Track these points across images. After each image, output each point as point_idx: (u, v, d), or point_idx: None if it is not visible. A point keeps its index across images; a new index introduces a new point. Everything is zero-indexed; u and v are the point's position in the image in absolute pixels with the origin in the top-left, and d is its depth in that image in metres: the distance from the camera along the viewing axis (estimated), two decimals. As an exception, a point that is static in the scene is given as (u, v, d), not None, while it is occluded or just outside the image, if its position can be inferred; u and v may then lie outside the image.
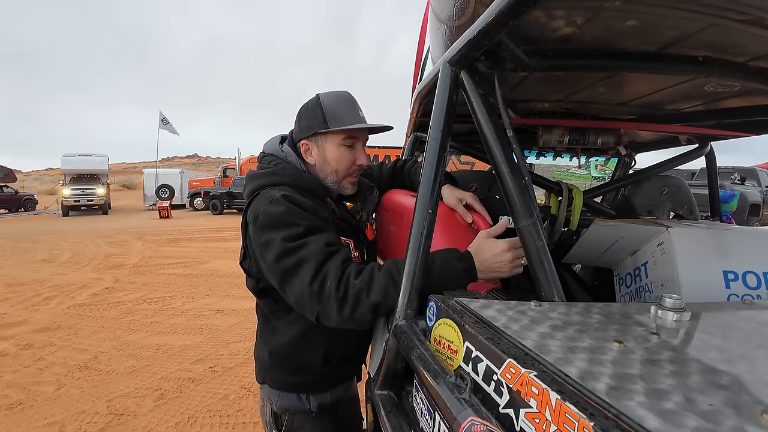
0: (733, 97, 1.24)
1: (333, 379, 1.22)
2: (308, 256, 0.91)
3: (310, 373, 1.17)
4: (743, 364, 0.53)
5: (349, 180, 1.16)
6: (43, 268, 6.69)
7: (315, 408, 1.19)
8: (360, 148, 1.14)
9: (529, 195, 0.86)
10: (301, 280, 0.90)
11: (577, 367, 0.50)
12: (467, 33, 0.83)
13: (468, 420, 0.55)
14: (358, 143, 1.14)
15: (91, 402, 2.70)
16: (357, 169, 1.15)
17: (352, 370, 1.31)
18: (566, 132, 1.61)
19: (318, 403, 1.19)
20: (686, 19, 0.78)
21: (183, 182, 20.33)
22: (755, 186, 9.96)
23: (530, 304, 0.74)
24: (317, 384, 1.20)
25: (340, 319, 0.90)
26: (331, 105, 1.09)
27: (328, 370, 1.16)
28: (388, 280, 0.89)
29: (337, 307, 0.89)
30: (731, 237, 1.12)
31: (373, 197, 1.27)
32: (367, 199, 1.26)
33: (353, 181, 1.17)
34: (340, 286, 0.89)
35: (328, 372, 1.17)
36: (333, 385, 1.23)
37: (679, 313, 0.67)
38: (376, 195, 1.29)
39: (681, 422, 0.39)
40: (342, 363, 1.20)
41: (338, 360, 1.17)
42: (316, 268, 0.90)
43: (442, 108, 0.94)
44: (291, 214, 0.96)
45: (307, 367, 1.16)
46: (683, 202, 1.76)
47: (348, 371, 1.29)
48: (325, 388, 1.21)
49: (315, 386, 1.19)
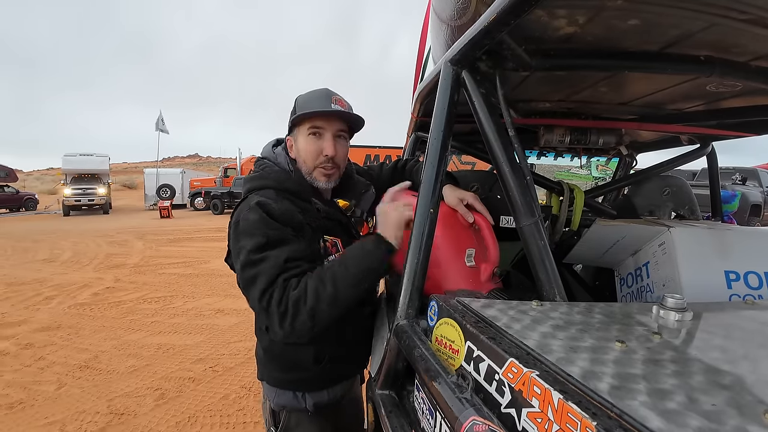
0: (735, 97, 1.24)
1: (329, 378, 1.21)
2: (264, 271, 0.94)
3: (303, 370, 1.17)
4: (745, 364, 0.53)
5: (319, 171, 1.13)
6: (43, 268, 6.69)
7: (311, 407, 1.19)
8: (328, 138, 1.11)
9: (531, 195, 0.86)
10: (254, 295, 0.94)
11: (579, 366, 0.50)
12: (469, 32, 0.83)
13: (470, 420, 0.55)
14: (326, 132, 1.11)
15: (92, 401, 2.70)
16: (324, 159, 1.11)
17: (350, 370, 1.30)
18: (567, 132, 1.61)
19: (314, 402, 1.20)
20: (688, 18, 0.78)
21: (184, 182, 20.34)
22: (756, 186, 9.94)
23: (532, 304, 0.74)
24: (312, 382, 1.19)
25: (284, 332, 0.92)
26: (304, 98, 1.13)
27: (321, 368, 1.16)
28: (317, 282, 0.92)
29: (279, 321, 0.91)
30: (733, 237, 1.12)
31: (369, 195, 1.27)
32: (362, 197, 1.25)
33: (326, 173, 1.13)
34: (281, 301, 0.91)
35: (321, 371, 1.17)
36: (329, 384, 1.22)
37: (681, 313, 0.67)
38: (372, 193, 1.28)
39: (684, 422, 0.38)
40: (336, 362, 1.19)
41: (331, 359, 1.17)
42: (266, 283, 0.93)
43: (443, 107, 0.93)
44: (261, 223, 0.98)
45: (299, 365, 1.17)
46: (684, 202, 1.76)
47: (346, 371, 1.28)
48: (321, 386, 1.21)
49: (310, 384, 1.20)
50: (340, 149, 1.14)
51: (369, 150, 9.20)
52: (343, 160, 1.17)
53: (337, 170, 1.16)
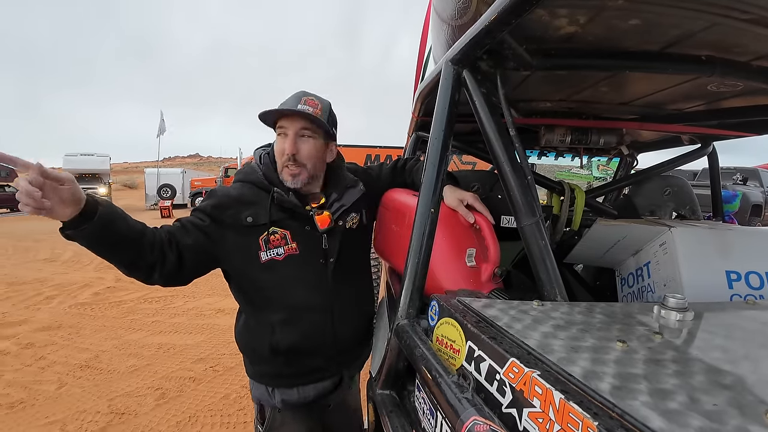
0: (736, 97, 1.24)
1: (296, 374, 1.21)
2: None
3: (265, 363, 1.20)
4: (747, 364, 0.53)
5: (285, 171, 1.15)
6: (44, 268, 6.70)
7: (279, 403, 1.22)
8: (290, 136, 1.12)
9: (532, 194, 0.85)
10: None
11: (580, 366, 0.49)
12: (470, 31, 0.83)
13: (471, 420, 0.55)
14: (289, 131, 1.13)
15: (93, 401, 2.70)
16: (286, 158, 1.12)
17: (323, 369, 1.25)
18: (568, 132, 1.61)
19: (282, 399, 1.22)
20: (689, 18, 0.78)
21: (185, 182, 20.33)
22: (757, 186, 9.92)
23: (533, 304, 0.74)
24: (279, 378, 1.22)
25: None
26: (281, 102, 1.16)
27: (282, 361, 1.18)
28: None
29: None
30: (734, 237, 1.12)
31: (355, 191, 1.24)
32: (346, 191, 1.23)
33: (291, 173, 1.14)
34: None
35: (283, 364, 1.19)
36: (298, 382, 1.22)
37: (683, 313, 0.67)
38: (359, 189, 1.25)
39: (685, 422, 0.38)
40: (297, 355, 1.18)
41: (289, 350, 1.17)
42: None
43: (444, 107, 0.93)
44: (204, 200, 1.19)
45: (259, 355, 1.21)
46: (685, 202, 1.76)
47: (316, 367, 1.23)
48: (290, 384, 1.22)
49: (277, 379, 1.22)
50: (303, 147, 1.14)
51: (369, 150, 9.19)
52: (308, 159, 1.15)
53: (304, 169, 1.15)
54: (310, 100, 1.13)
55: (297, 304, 1.17)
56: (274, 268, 1.14)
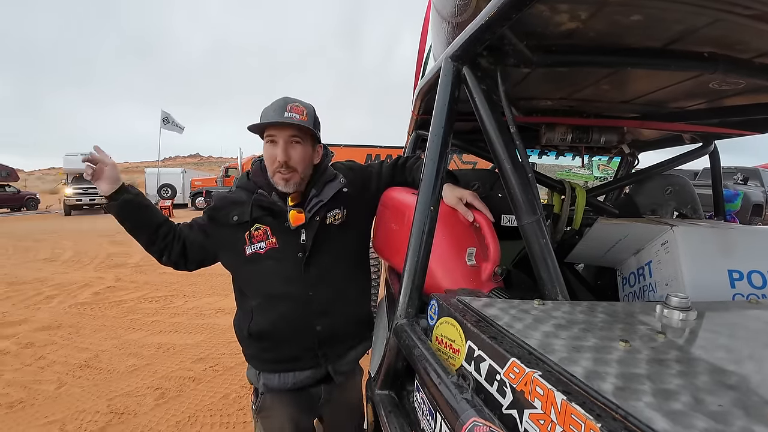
0: (738, 95, 1.23)
1: (275, 360, 1.30)
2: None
3: (246, 345, 1.33)
4: (751, 363, 0.52)
5: (278, 176, 1.22)
6: (44, 267, 6.70)
7: (262, 387, 1.31)
8: (281, 145, 1.18)
9: (533, 192, 0.85)
10: None
11: (582, 366, 0.49)
12: (470, 27, 0.82)
13: (470, 421, 0.54)
14: (279, 139, 1.19)
15: (92, 401, 2.70)
16: (278, 165, 1.19)
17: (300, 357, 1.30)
18: (569, 130, 1.60)
19: (264, 382, 1.31)
20: (692, 14, 0.77)
21: (185, 181, 20.34)
22: (758, 186, 9.91)
23: (533, 303, 0.73)
24: (261, 361, 1.32)
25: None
26: (265, 110, 1.22)
27: (258, 345, 1.29)
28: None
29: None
30: (736, 236, 1.11)
31: (334, 185, 1.29)
32: (324, 186, 1.28)
33: (283, 177, 1.21)
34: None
35: (259, 348, 1.30)
36: (278, 368, 1.30)
37: (686, 312, 0.66)
38: (338, 183, 1.30)
39: (690, 423, 0.38)
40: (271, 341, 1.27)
41: (261, 336, 1.27)
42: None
43: (444, 104, 0.92)
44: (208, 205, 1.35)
45: (242, 338, 1.33)
46: (687, 201, 1.75)
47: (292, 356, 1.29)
48: (271, 369, 1.30)
49: (260, 363, 1.32)
50: (294, 154, 1.20)
51: (370, 150, 9.19)
52: (299, 163, 1.22)
53: (296, 173, 1.22)
54: (296, 107, 1.19)
55: (273, 293, 1.26)
56: (257, 261, 1.26)
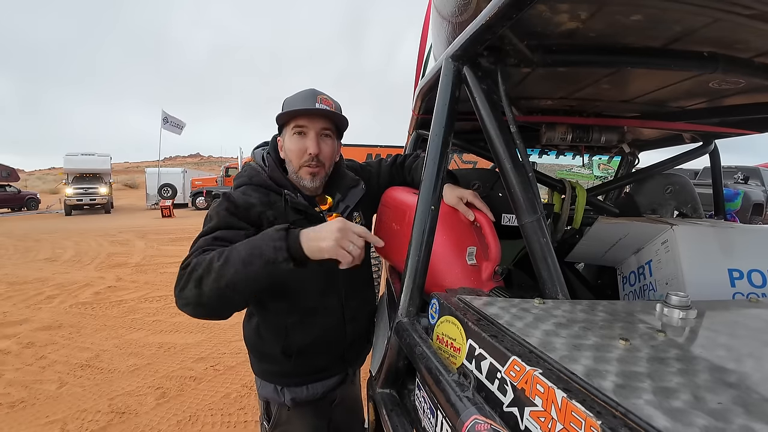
0: (738, 94, 1.23)
1: (306, 373, 1.21)
2: (196, 246, 1.00)
3: (275, 363, 1.19)
4: (751, 362, 0.52)
5: (305, 170, 1.14)
6: (45, 267, 6.70)
7: (289, 402, 1.21)
8: (312, 136, 1.12)
9: (533, 191, 0.85)
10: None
11: (582, 365, 0.49)
12: (470, 27, 0.83)
13: (471, 419, 0.54)
14: (310, 131, 1.12)
15: (93, 400, 2.70)
16: (309, 158, 1.12)
17: (331, 367, 1.26)
18: (569, 129, 1.60)
19: (291, 397, 1.21)
20: (692, 13, 0.77)
21: (185, 181, 20.35)
22: (758, 185, 9.91)
23: (534, 302, 0.73)
24: (289, 376, 1.21)
25: (177, 298, 0.94)
26: (289, 99, 1.14)
27: (293, 362, 1.18)
28: (214, 255, 0.93)
29: (176, 283, 0.94)
30: (736, 235, 1.11)
31: (357, 191, 1.25)
32: (349, 192, 1.24)
33: (311, 172, 1.14)
34: (186, 266, 0.94)
35: (294, 365, 1.18)
36: (308, 380, 1.22)
37: (686, 311, 0.66)
38: (361, 189, 1.26)
39: (690, 421, 0.38)
40: (308, 357, 1.19)
41: (300, 352, 1.17)
42: (190, 254, 0.98)
43: (444, 104, 0.93)
44: (218, 207, 1.07)
45: (270, 356, 1.20)
46: (687, 200, 1.75)
47: (324, 367, 1.25)
48: (299, 382, 1.22)
49: (287, 378, 1.21)
50: (325, 147, 1.14)
51: (370, 149, 9.19)
52: (328, 158, 1.16)
53: (323, 168, 1.16)
54: (326, 99, 1.13)
55: (312, 307, 1.17)
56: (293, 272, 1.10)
